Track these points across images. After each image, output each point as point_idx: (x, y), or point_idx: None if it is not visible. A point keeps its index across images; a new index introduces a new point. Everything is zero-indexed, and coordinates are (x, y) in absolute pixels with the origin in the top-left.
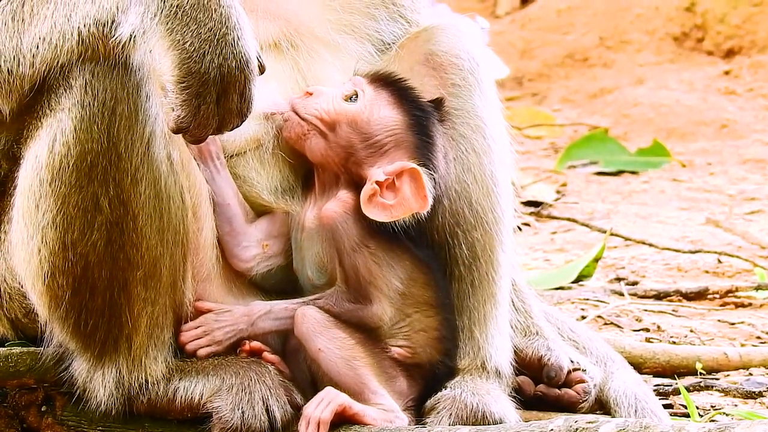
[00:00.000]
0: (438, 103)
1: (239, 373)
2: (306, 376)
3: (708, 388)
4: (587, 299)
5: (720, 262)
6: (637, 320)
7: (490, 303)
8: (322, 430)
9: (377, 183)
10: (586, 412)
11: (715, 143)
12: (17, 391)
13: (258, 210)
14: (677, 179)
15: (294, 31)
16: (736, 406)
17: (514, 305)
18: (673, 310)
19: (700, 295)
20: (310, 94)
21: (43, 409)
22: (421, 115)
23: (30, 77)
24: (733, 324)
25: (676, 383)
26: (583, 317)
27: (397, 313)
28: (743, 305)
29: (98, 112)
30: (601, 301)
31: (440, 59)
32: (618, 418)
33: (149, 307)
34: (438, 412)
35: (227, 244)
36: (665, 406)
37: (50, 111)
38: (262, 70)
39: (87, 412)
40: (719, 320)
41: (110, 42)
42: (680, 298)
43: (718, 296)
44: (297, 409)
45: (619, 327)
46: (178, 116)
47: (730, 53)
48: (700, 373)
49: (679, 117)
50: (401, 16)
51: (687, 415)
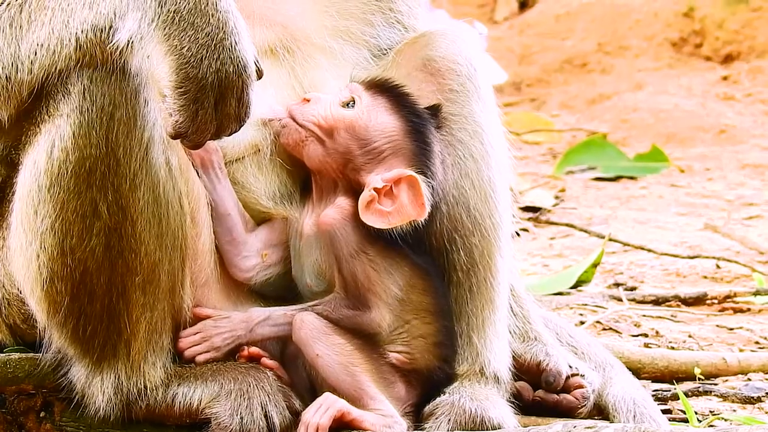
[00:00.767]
0: (435, 109)
1: (238, 379)
2: (305, 381)
3: (707, 393)
4: (586, 305)
5: (718, 267)
6: (635, 325)
7: (489, 308)
8: None
9: (375, 190)
10: (584, 418)
11: (713, 149)
12: (16, 397)
13: (257, 216)
14: (676, 185)
15: (290, 37)
16: (734, 411)
17: (512, 310)
18: (672, 316)
19: (698, 301)
20: (308, 101)
21: (41, 414)
22: (418, 121)
23: (28, 83)
24: (731, 329)
25: (675, 388)
26: (582, 322)
27: (395, 319)
28: (742, 310)
29: (97, 117)
30: (600, 307)
31: (438, 65)
32: (617, 424)
33: (148, 312)
34: (436, 418)
35: (227, 253)
36: (664, 412)
37: (49, 117)
38: (259, 75)
39: (86, 417)
40: (718, 325)
41: (108, 48)
42: (679, 303)
43: (716, 301)
44: (296, 415)
45: (617, 332)
46: (176, 121)
47: (728, 59)
48: (699, 379)
49: (677, 122)
50: (398, 22)
51: (686, 421)
